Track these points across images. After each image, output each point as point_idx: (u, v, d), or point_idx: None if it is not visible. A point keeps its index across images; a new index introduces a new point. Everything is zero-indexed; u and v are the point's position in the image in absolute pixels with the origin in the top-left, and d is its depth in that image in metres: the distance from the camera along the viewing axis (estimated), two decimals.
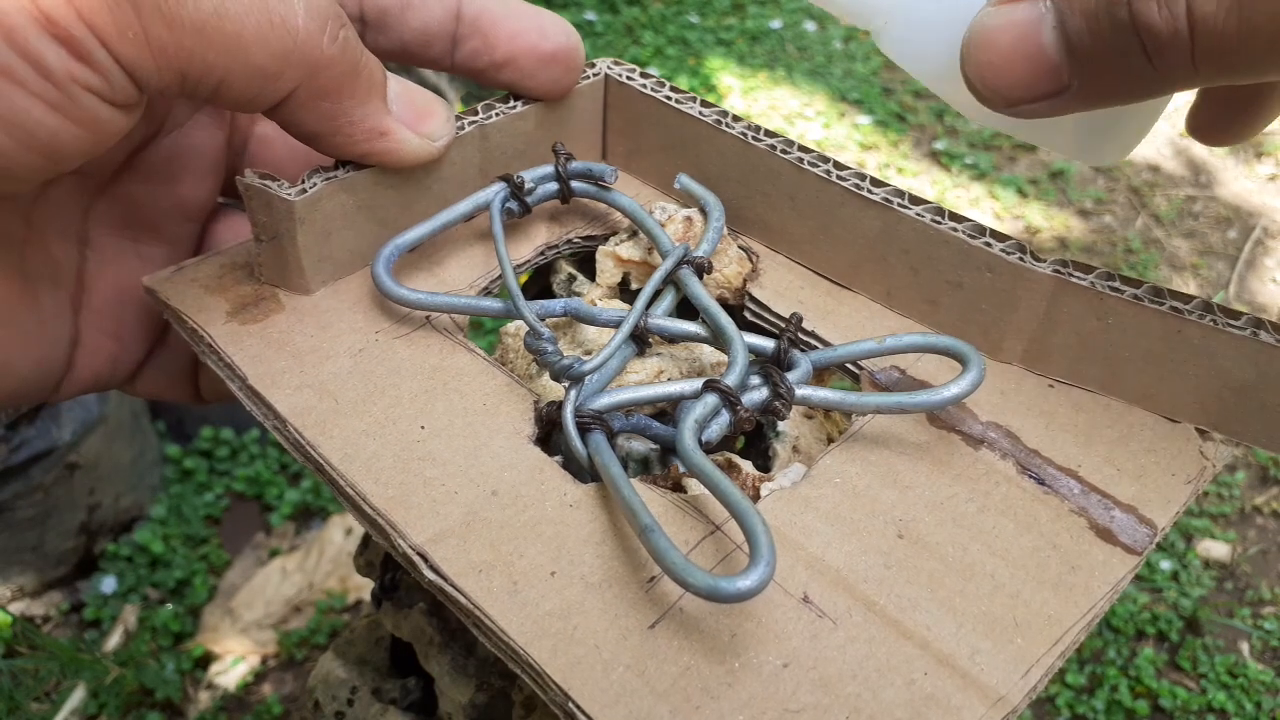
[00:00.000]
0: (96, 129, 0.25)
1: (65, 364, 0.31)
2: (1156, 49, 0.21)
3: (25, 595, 1.02)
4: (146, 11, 0.23)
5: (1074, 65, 0.22)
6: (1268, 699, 0.99)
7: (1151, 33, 0.21)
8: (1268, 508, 1.19)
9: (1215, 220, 1.60)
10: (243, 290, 0.31)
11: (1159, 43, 0.21)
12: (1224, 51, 0.20)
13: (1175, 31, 0.20)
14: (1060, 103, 0.23)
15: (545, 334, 0.28)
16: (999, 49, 0.23)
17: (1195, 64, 0.21)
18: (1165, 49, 0.21)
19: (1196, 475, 0.27)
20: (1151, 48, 0.21)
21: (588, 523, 0.25)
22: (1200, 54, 0.20)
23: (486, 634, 0.23)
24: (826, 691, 0.21)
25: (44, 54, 0.23)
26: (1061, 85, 0.23)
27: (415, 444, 0.27)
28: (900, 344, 0.29)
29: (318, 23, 0.26)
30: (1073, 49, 0.22)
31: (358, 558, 0.39)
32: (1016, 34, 0.23)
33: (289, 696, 0.97)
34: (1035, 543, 0.25)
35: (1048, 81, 0.23)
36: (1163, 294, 0.27)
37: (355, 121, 0.28)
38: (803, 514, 0.26)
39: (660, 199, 0.36)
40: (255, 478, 1.15)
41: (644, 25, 1.95)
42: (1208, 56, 0.20)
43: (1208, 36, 0.20)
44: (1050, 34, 0.22)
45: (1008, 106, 0.24)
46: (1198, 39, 0.20)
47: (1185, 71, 0.21)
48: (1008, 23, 0.23)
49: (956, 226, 0.29)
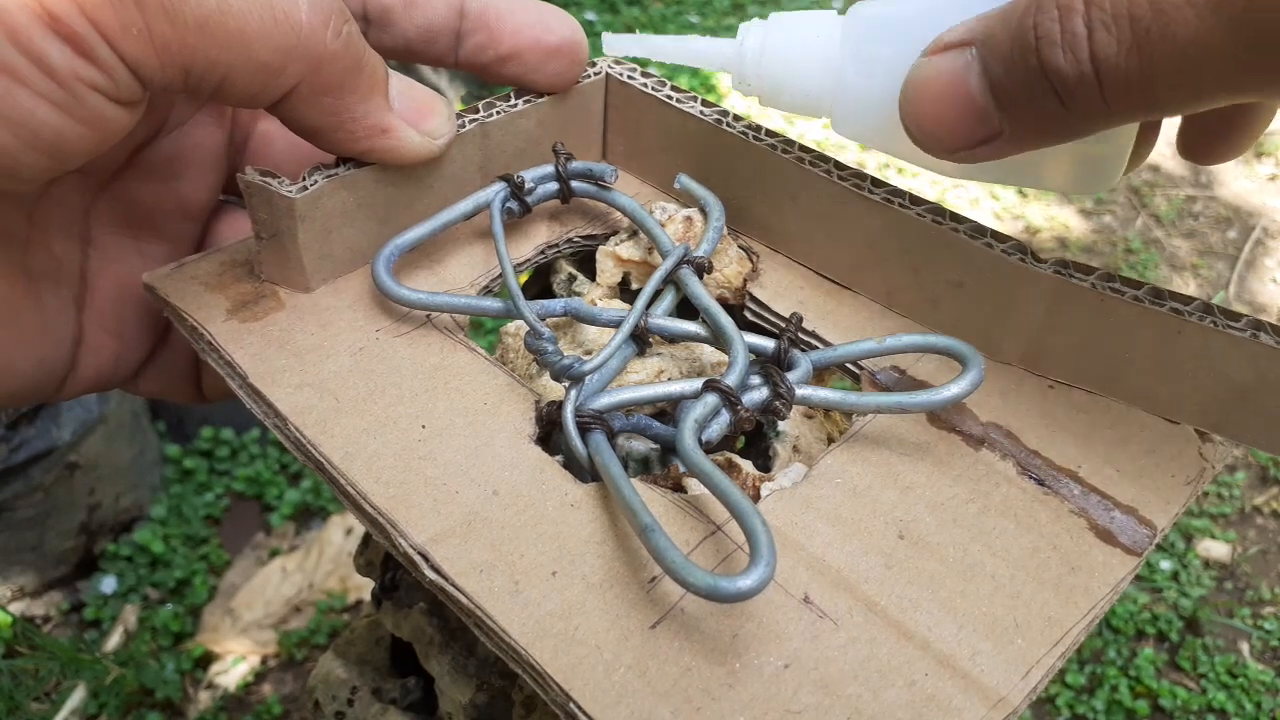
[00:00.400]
0: (101, 127, 0.25)
1: (68, 363, 0.31)
2: (1067, 92, 0.21)
3: (25, 595, 1.02)
4: (150, 8, 0.23)
5: (1002, 111, 0.23)
6: (1268, 699, 0.99)
7: (1060, 77, 0.21)
8: (1267, 508, 1.19)
9: (1215, 220, 1.60)
10: (243, 288, 0.31)
11: (1068, 86, 0.21)
12: (1131, 91, 0.20)
13: (1082, 75, 0.21)
14: (996, 147, 0.24)
15: (545, 334, 0.28)
16: (932, 99, 0.24)
17: (1107, 104, 0.21)
18: (1075, 92, 0.21)
19: (1196, 476, 0.27)
20: (1063, 91, 0.21)
21: (589, 523, 0.25)
22: (1109, 94, 0.21)
23: (488, 634, 0.23)
24: (827, 692, 0.21)
25: (48, 52, 0.23)
26: (994, 130, 0.23)
27: (416, 443, 0.27)
28: (900, 344, 0.29)
29: (321, 18, 0.26)
30: (998, 96, 0.23)
31: (358, 557, 0.39)
32: (946, 83, 0.23)
33: (289, 696, 0.97)
34: (1035, 543, 0.25)
35: (981, 128, 0.23)
36: (1163, 295, 0.27)
37: (357, 118, 0.28)
38: (803, 514, 0.26)
39: (660, 199, 0.36)
40: (255, 478, 1.15)
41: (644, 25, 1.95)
42: (1117, 96, 0.21)
43: (1113, 77, 0.20)
44: (977, 81, 0.23)
45: (949, 154, 0.24)
46: (1104, 80, 0.21)
47: (1100, 111, 0.21)
48: (937, 73, 0.23)
49: (957, 227, 0.29)
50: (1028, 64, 0.21)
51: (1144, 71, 0.20)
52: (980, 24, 0.23)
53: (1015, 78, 0.22)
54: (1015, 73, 0.22)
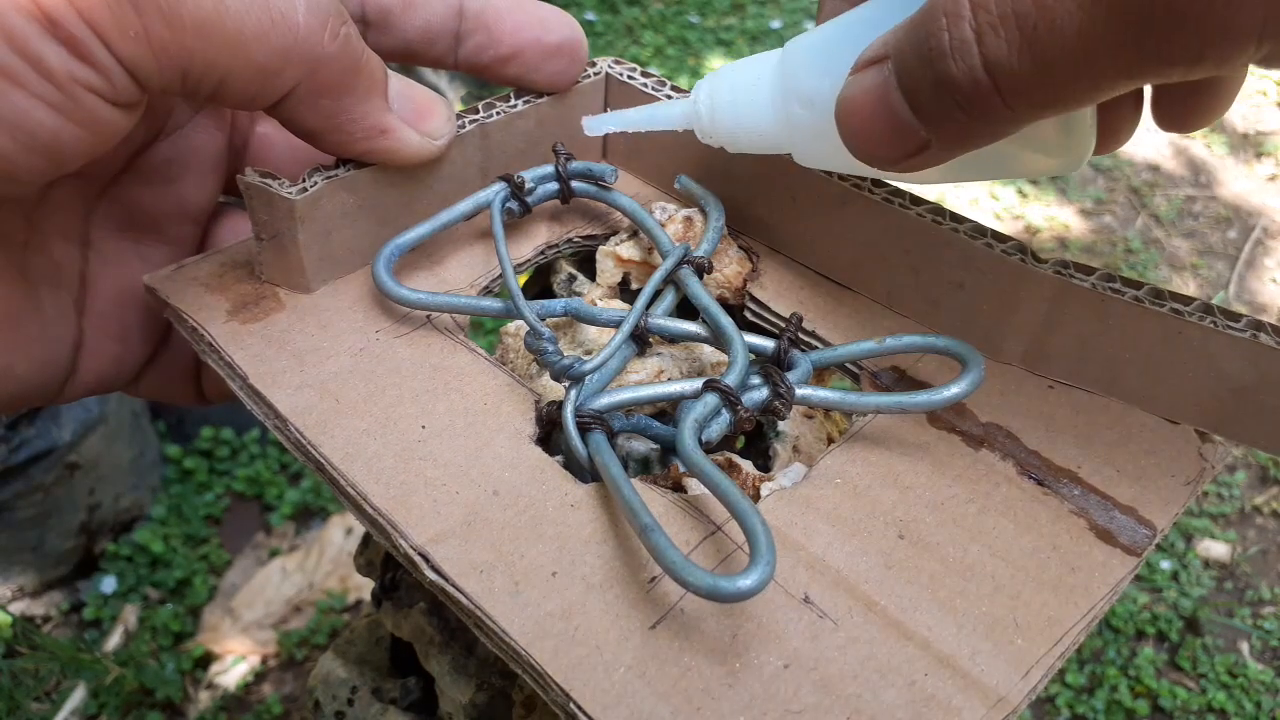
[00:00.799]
0: (98, 129, 0.25)
1: (68, 366, 0.31)
2: (967, 101, 0.21)
3: (25, 595, 1.02)
4: (147, 10, 0.23)
5: (922, 123, 0.23)
6: (1268, 699, 0.99)
7: (956, 87, 0.21)
8: (1267, 508, 1.19)
9: (1215, 220, 1.60)
10: (243, 289, 0.31)
11: (966, 95, 0.21)
12: (1030, 90, 0.20)
13: (976, 82, 0.21)
14: (931, 156, 0.23)
15: (545, 334, 0.28)
16: (859, 118, 0.24)
17: (1010, 106, 0.21)
18: (974, 99, 0.21)
19: (1196, 477, 0.27)
20: (962, 101, 0.21)
21: (589, 523, 0.25)
22: (1009, 98, 0.21)
23: (488, 634, 0.23)
24: (827, 692, 0.21)
25: (45, 54, 0.23)
26: (922, 141, 0.23)
27: (416, 444, 0.27)
28: (900, 344, 0.29)
29: (318, 19, 0.26)
30: (914, 109, 0.22)
31: (358, 557, 0.39)
32: (870, 101, 0.23)
33: (289, 696, 0.97)
34: (1035, 543, 0.25)
35: (909, 140, 0.23)
36: (1163, 296, 0.27)
37: (356, 119, 0.28)
38: (803, 514, 0.26)
39: (660, 199, 0.36)
40: (255, 478, 1.15)
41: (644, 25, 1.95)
42: (1017, 98, 0.21)
43: (1008, 80, 0.20)
44: (895, 96, 0.23)
45: (889, 167, 0.24)
46: (1000, 84, 0.20)
47: (1005, 114, 0.21)
48: (861, 90, 0.23)
49: (957, 227, 0.29)
50: (929, 76, 0.21)
51: (1039, 70, 0.20)
52: (892, 37, 0.23)
53: (923, 91, 0.22)
54: (922, 86, 0.22)
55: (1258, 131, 1.78)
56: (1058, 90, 0.20)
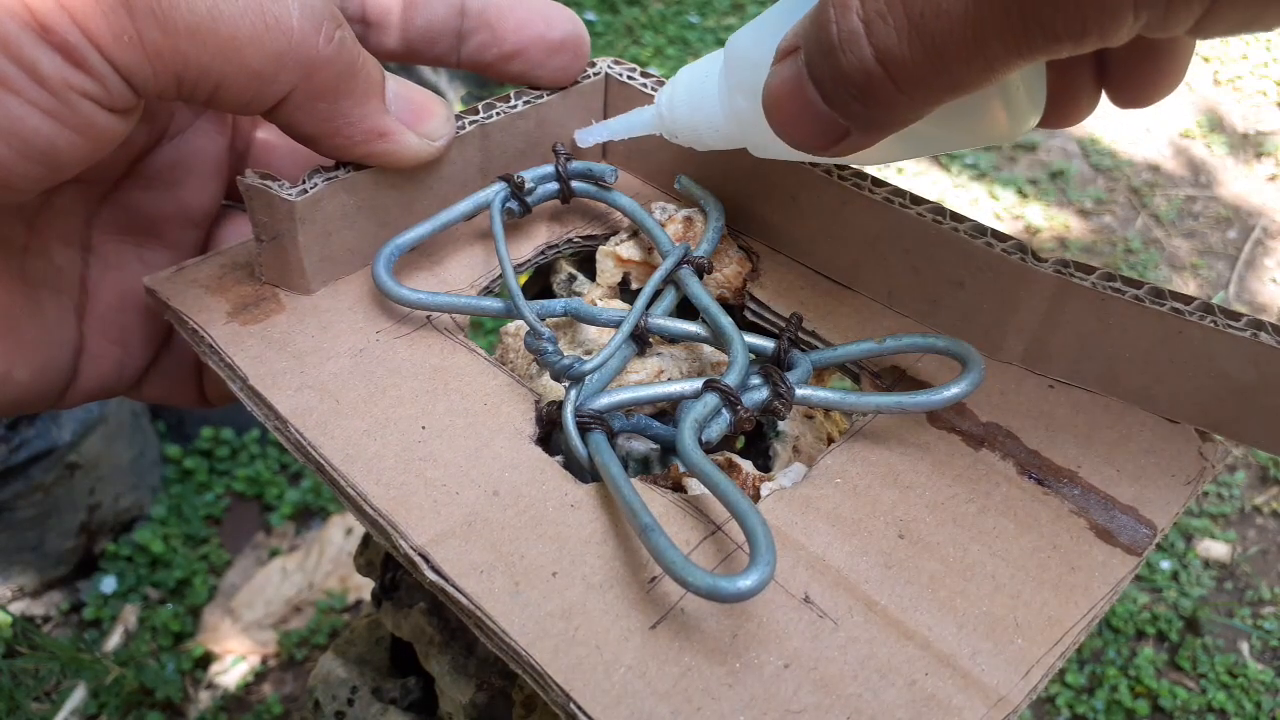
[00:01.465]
0: (94, 135, 0.25)
1: (69, 372, 0.31)
2: (862, 93, 0.21)
3: (25, 595, 1.02)
4: (141, 16, 0.23)
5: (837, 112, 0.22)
6: (1268, 699, 0.99)
7: (850, 81, 0.21)
8: (1267, 508, 1.19)
9: (1215, 220, 1.60)
10: (243, 290, 0.31)
11: (859, 87, 0.21)
12: (924, 76, 0.20)
13: (869, 74, 0.20)
14: (854, 142, 0.23)
15: (545, 334, 0.28)
16: (783, 108, 0.23)
17: (905, 94, 0.21)
18: (868, 90, 0.21)
19: (1196, 476, 0.27)
20: (858, 93, 0.21)
21: (589, 523, 0.25)
22: (904, 85, 0.20)
23: (488, 635, 0.23)
24: (827, 692, 0.21)
25: (39, 61, 0.23)
26: (841, 129, 0.23)
27: (416, 444, 0.27)
28: (900, 344, 0.29)
29: (312, 23, 0.26)
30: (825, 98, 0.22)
31: (358, 558, 0.39)
32: (788, 91, 0.23)
33: (289, 696, 0.97)
34: (1035, 543, 0.25)
35: (832, 129, 0.23)
36: (1163, 295, 0.27)
37: (354, 122, 0.28)
38: (803, 514, 0.26)
39: (660, 199, 0.36)
40: (255, 478, 1.15)
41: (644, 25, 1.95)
42: (912, 86, 0.20)
43: (900, 68, 0.20)
44: (810, 88, 0.22)
45: (820, 153, 0.24)
46: (893, 73, 0.20)
47: (902, 102, 0.21)
48: (780, 81, 0.23)
49: (958, 227, 0.29)
50: (828, 68, 0.21)
51: (930, 55, 0.19)
52: (802, 26, 0.22)
53: (826, 83, 0.22)
54: (824, 78, 0.22)
55: (1258, 131, 1.78)
56: (952, 74, 0.20)
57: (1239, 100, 1.86)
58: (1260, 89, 1.89)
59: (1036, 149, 1.72)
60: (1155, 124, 1.79)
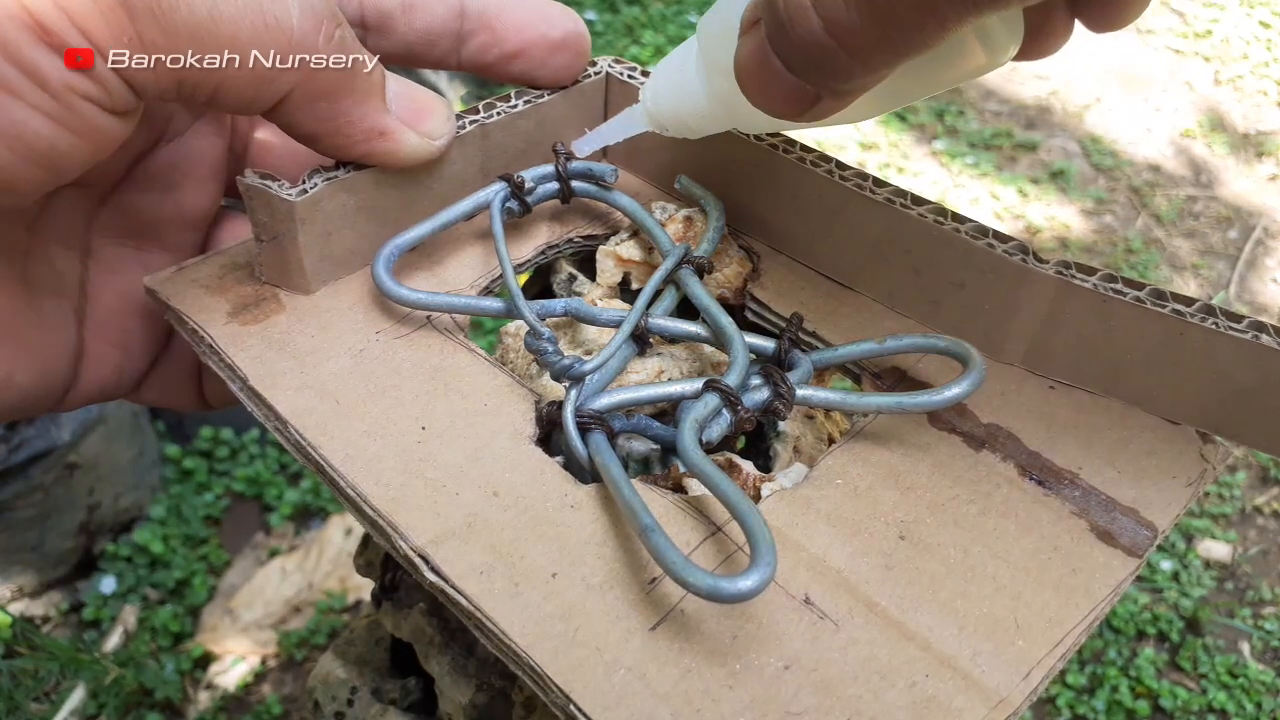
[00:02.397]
0: (95, 138, 0.24)
1: (69, 375, 0.31)
2: (816, 62, 0.21)
3: (25, 595, 1.02)
4: (141, 17, 0.23)
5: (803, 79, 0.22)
6: (1268, 699, 0.99)
7: (803, 50, 0.21)
8: (1268, 508, 1.19)
9: (1216, 220, 1.60)
10: (243, 290, 0.31)
11: (812, 57, 0.21)
12: (875, 42, 0.20)
13: (820, 44, 0.20)
14: (826, 106, 0.23)
15: (545, 334, 0.28)
16: (754, 79, 0.23)
17: (858, 61, 0.21)
18: (821, 59, 0.21)
19: (1197, 478, 0.27)
20: (813, 62, 0.21)
21: (589, 524, 0.25)
22: (855, 53, 0.20)
23: (488, 636, 0.23)
24: (828, 693, 0.21)
25: (40, 64, 0.22)
26: (811, 95, 0.23)
27: (416, 445, 0.26)
28: (901, 344, 0.29)
29: (312, 23, 0.26)
30: (790, 69, 0.22)
31: (358, 558, 0.39)
32: (755, 62, 0.23)
33: (289, 696, 0.97)
34: (1036, 544, 0.25)
35: (802, 95, 0.23)
36: (1165, 296, 0.27)
37: (354, 122, 0.28)
38: (804, 515, 0.25)
39: (660, 199, 0.36)
40: (255, 478, 1.15)
41: (644, 25, 1.95)
42: (861, 52, 0.20)
43: (850, 36, 0.20)
44: (774, 59, 0.22)
45: (797, 120, 0.24)
46: (844, 43, 0.20)
47: (857, 68, 0.21)
48: (747, 54, 0.23)
49: (959, 227, 0.29)
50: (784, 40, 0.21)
51: (879, 20, 0.19)
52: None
53: (786, 54, 0.22)
54: (784, 49, 0.22)
55: (1258, 131, 1.78)
56: (905, 37, 0.20)
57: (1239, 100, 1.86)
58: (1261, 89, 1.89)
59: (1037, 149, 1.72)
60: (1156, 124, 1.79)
